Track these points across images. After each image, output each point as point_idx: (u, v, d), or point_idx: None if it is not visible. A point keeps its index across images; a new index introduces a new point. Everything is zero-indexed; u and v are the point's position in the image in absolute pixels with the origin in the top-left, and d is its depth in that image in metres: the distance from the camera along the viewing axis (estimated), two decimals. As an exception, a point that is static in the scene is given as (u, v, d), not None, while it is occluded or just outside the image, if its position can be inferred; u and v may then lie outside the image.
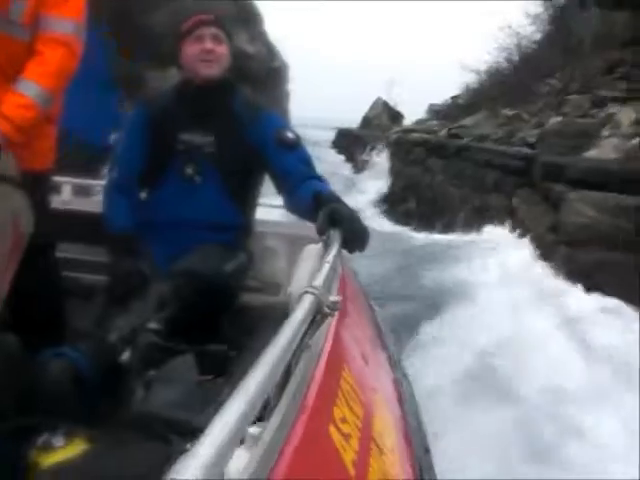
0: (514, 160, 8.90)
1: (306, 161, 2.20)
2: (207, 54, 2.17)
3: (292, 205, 2.17)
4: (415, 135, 14.33)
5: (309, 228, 1.95)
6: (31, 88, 1.96)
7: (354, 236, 1.84)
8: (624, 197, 6.34)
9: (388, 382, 1.73)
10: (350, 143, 21.27)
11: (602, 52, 11.64)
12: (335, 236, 1.71)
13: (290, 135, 2.20)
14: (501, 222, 8.52)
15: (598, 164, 7.21)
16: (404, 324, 4.92)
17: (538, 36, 17.64)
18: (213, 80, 2.19)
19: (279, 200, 2.25)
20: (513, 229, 8.04)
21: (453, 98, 20.33)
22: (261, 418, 0.83)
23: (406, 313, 5.48)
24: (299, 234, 2.48)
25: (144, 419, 1.41)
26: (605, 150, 7.59)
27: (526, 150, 9.15)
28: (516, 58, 17.69)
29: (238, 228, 2.26)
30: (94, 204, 2.30)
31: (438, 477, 1.52)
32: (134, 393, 1.65)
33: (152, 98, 2.33)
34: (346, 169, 18.83)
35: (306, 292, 1.04)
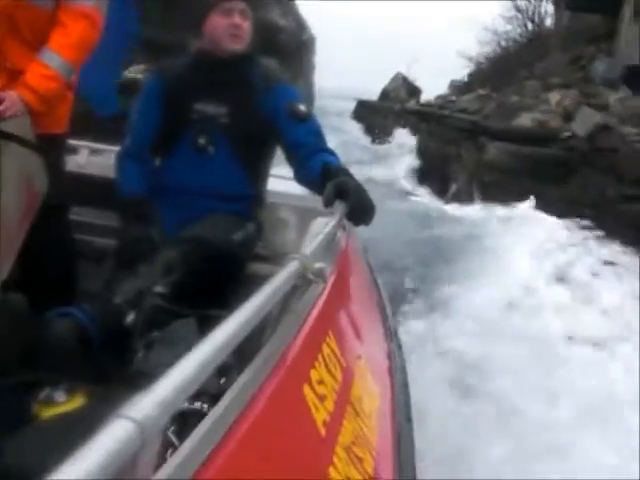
0: (466, 124, 13.19)
1: (317, 133, 2.21)
2: (235, 29, 2.17)
3: (301, 176, 2.19)
4: (412, 107, 18.86)
5: (321, 201, 1.98)
6: (55, 59, 2.01)
7: (360, 209, 1.86)
8: (521, 147, 10.74)
9: (379, 352, 1.76)
10: (368, 114, 23.31)
11: (571, 47, 15.76)
12: (339, 208, 1.73)
13: (302, 107, 2.21)
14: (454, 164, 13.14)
15: (508, 127, 11.60)
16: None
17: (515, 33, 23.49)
18: (237, 55, 2.21)
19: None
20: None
21: (469, 76, 23.71)
22: None
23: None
24: (311, 207, 2.50)
25: (142, 378, 1.46)
26: (523, 120, 11.79)
27: (474, 117, 13.36)
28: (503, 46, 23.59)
29: (249, 198, 2.28)
30: (109, 169, 2.34)
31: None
32: (136, 353, 1.70)
33: (168, 67, 2.33)
34: (365, 140, 20.46)
35: (292, 258, 1.07)
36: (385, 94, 24.82)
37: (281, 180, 2.54)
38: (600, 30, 15.10)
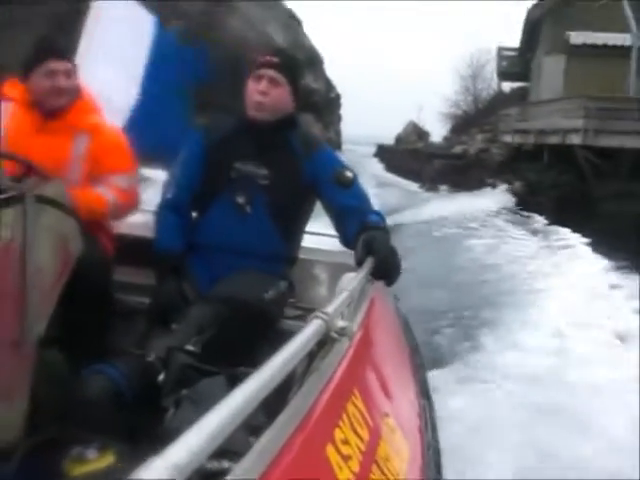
0: (427, 152, 27.53)
1: (363, 197, 2.24)
2: (260, 96, 2.20)
3: (348, 242, 2.17)
4: (410, 147, 31.07)
5: (352, 256, 1.98)
6: (108, 194, 2.33)
7: (385, 267, 1.86)
8: (449, 161, 24.83)
9: (409, 410, 1.73)
10: (386, 154, 34.44)
11: (506, 106, 26.08)
12: (367, 264, 1.74)
13: (348, 174, 2.24)
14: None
15: (446, 152, 26.64)
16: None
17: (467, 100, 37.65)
18: (262, 123, 2.23)
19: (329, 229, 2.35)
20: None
21: (450, 129, 36.51)
22: None
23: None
24: (342, 262, 2.51)
25: (171, 436, 1.46)
26: (456, 150, 25.66)
27: (431, 149, 28.47)
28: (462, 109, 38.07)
29: (283, 258, 2.28)
30: (147, 228, 2.36)
31: None
32: (167, 411, 1.70)
33: (214, 124, 2.37)
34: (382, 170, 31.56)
35: (315, 317, 1.08)
36: (399, 139, 34.53)
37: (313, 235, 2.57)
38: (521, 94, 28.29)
